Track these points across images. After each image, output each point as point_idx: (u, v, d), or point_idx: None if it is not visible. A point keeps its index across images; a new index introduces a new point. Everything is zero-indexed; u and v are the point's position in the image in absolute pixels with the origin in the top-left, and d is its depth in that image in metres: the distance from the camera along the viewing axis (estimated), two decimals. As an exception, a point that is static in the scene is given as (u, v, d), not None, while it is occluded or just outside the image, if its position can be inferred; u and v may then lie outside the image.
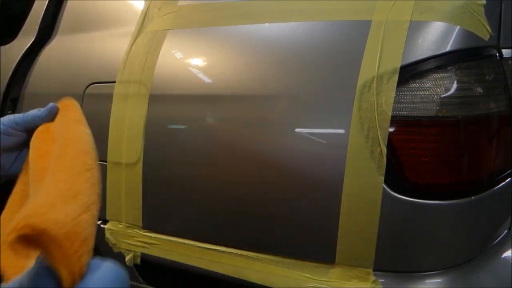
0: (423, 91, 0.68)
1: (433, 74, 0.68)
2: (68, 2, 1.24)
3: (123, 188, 0.92)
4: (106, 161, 0.94)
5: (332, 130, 0.72)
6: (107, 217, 0.96)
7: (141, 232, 0.92)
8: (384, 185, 0.68)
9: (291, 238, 0.77)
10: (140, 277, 0.97)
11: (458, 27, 0.68)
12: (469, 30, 0.68)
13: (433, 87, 0.67)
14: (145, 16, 0.98)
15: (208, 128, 0.83)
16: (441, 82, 0.67)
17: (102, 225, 0.97)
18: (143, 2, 1.02)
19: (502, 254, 0.80)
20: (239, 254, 0.82)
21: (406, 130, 0.69)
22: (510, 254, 0.80)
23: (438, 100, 0.67)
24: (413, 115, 0.68)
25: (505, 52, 0.74)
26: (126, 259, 0.94)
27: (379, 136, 0.67)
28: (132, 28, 0.99)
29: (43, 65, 1.20)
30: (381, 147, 0.67)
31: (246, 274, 0.81)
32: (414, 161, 0.69)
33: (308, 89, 0.74)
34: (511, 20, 0.75)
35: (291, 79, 0.76)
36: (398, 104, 0.68)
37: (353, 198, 0.69)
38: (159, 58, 0.90)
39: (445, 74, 0.68)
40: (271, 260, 0.79)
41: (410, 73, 0.68)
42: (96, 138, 0.48)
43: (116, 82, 0.94)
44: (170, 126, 0.88)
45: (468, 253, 0.74)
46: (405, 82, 0.68)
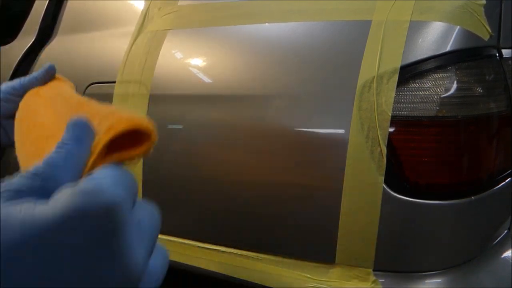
0: (423, 91, 0.68)
1: (433, 74, 0.68)
2: (68, 2, 1.24)
3: (123, 188, 0.92)
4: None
5: (332, 130, 0.72)
6: (107, 217, 0.96)
7: (141, 232, 0.92)
8: (384, 185, 0.68)
9: (291, 238, 0.77)
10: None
11: (458, 27, 0.68)
12: (469, 30, 0.68)
13: (433, 87, 0.67)
14: (145, 16, 0.98)
15: (208, 128, 0.83)
16: (441, 82, 0.67)
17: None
18: (143, 2, 1.02)
19: (502, 254, 0.80)
20: (239, 254, 0.82)
21: (406, 130, 0.69)
22: (510, 254, 0.80)
23: (438, 100, 0.67)
24: (413, 115, 0.68)
25: (505, 52, 0.74)
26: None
27: (379, 136, 0.67)
28: (132, 28, 0.99)
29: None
30: (381, 147, 0.67)
31: (246, 274, 0.81)
32: (414, 161, 0.69)
33: (308, 89, 0.74)
34: (511, 20, 0.75)
35: (291, 79, 0.76)
36: (398, 104, 0.68)
37: (353, 198, 0.69)
38: (159, 58, 0.90)
39: (445, 74, 0.68)
40: (271, 260, 0.79)
41: (410, 73, 0.68)
42: None
43: (116, 82, 0.94)
44: (170, 126, 0.87)
45: (468, 253, 0.74)
46: (405, 82, 0.68)
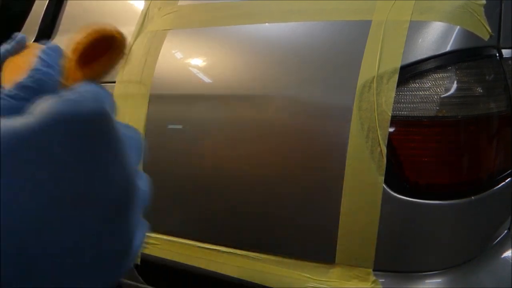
0: (423, 91, 0.68)
1: (433, 74, 0.68)
2: (68, 2, 1.24)
3: (123, 188, 0.92)
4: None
5: (332, 130, 0.72)
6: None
7: (141, 232, 0.92)
8: (384, 185, 0.68)
9: (291, 238, 0.77)
10: (140, 277, 0.97)
11: (458, 27, 0.68)
12: (469, 30, 0.68)
13: (433, 87, 0.67)
14: (145, 16, 0.98)
15: (208, 128, 0.83)
16: (441, 82, 0.67)
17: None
18: (143, 2, 1.02)
19: (502, 254, 0.79)
20: (239, 254, 0.82)
21: (406, 130, 0.69)
22: (510, 254, 0.80)
23: (438, 100, 0.67)
24: (413, 115, 0.68)
25: (505, 52, 0.74)
26: (126, 259, 0.94)
27: (379, 136, 0.67)
28: (132, 28, 0.99)
29: (43, 65, 1.20)
30: (381, 147, 0.67)
31: (246, 274, 0.81)
32: (414, 161, 0.69)
33: (308, 89, 0.74)
34: (511, 20, 0.75)
35: (291, 79, 0.76)
36: (398, 104, 0.68)
37: (353, 198, 0.69)
38: (159, 58, 0.90)
39: (445, 74, 0.68)
40: (271, 260, 0.79)
41: (410, 73, 0.68)
42: None
43: (116, 82, 0.94)
44: (170, 126, 0.87)
45: (468, 253, 0.74)
46: (405, 82, 0.68)
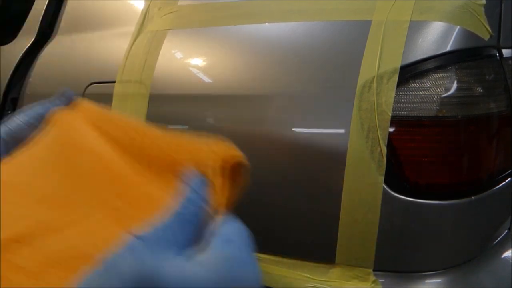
0: (423, 91, 0.68)
1: (433, 74, 0.68)
2: (68, 2, 1.24)
3: (123, 188, 0.92)
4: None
5: (332, 130, 0.72)
6: (107, 217, 0.96)
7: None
8: (384, 185, 0.68)
9: (291, 238, 0.77)
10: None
11: (458, 27, 0.68)
12: (469, 30, 0.68)
13: (433, 87, 0.67)
14: (145, 16, 0.98)
15: (208, 128, 0.83)
16: (441, 82, 0.67)
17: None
18: (143, 2, 1.02)
19: (502, 254, 0.79)
20: (239, 254, 0.82)
21: (406, 130, 0.69)
22: (510, 254, 0.80)
23: (438, 100, 0.67)
24: (413, 115, 0.68)
25: (505, 52, 0.74)
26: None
27: (379, 136, 0.67)
28: (132, 28, 0.99)
29: (43, 65, 1.19)
30: (381, 147, 0.67)
31: (246, 274, 0.81)
32: (414, 161, 0.69)
33: (308, 89, 0.74)
34: (511, 20, 0.75)
35: (291, 79, 0.76)
36: (398, 104, 0.67)
37: (353, 198, 0.69)
38: (159, 58, 0.90)
39: (445, 74, 0.68)
40: (271, 260, 0.79)
41: (410, 73, 0.68)
42: None
43: (116, 82, 0.94)
44: (170, 126, 0.87)
45: (468, 253, 0.74)
46: (405, 82, 0.68)
